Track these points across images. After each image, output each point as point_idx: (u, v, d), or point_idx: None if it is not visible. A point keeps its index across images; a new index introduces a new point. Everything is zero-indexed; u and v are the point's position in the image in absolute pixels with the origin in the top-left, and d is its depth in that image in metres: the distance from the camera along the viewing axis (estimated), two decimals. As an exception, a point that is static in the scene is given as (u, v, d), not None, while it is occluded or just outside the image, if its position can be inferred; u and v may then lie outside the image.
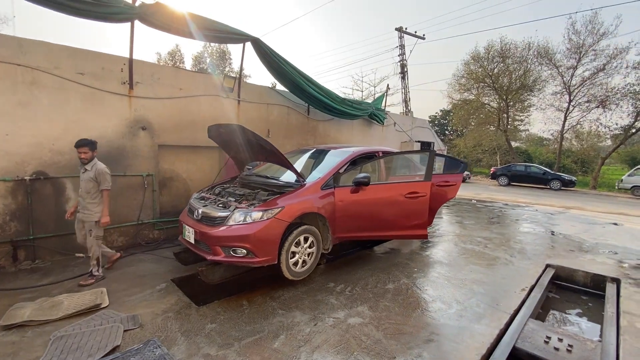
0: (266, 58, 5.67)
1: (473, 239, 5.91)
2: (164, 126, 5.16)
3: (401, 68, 17.32)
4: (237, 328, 2.82)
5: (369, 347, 2.59)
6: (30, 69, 3.90)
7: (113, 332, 2.66)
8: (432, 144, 12.58)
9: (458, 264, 4.53)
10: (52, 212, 4.22)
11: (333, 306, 3.23)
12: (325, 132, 8.13)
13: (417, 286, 3.77)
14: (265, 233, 3.16)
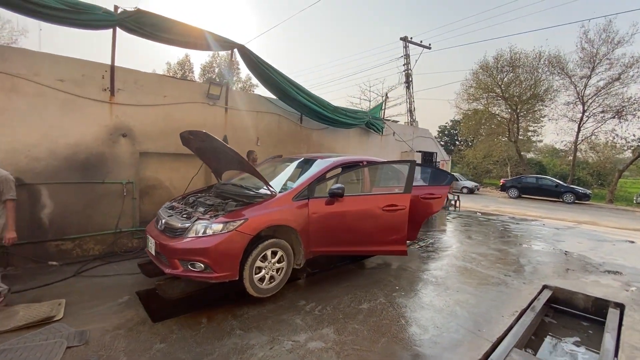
0: (253, 66, 5.60)
1: (467, 255, 5.58)
2: (146, 133, 5.11)
3: (406, 78, 17.14)
4: (186, 349, 2.63)
5: (323, 376, 2.36)
6: (9, 76, 3.91)
7: (55, 348, 2.51)
8: (435, 154, 12.27)
9: (445, 283, 4.23)
10: (26, 219, 4.16)
11: (296, 327, 3.00)
12: (319, 141, 7.97)
13: (394, 307, 3.50)
14: (225, 247, 2.98)
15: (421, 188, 4.54)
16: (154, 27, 4.51)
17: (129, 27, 4.33)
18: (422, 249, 5.83)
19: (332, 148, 8.32)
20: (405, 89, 17.15)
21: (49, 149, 4.25)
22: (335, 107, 7.26)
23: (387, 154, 10.14)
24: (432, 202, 4.42)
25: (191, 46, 4.95)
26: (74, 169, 4.46)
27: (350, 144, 8.86)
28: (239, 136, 6.32)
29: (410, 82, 17.05)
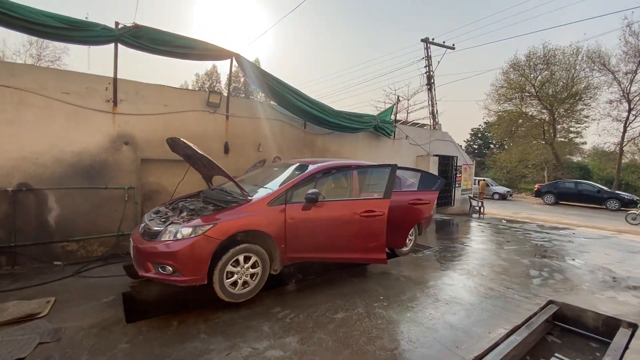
0: (248, 73, 5.71)
1: (472, 265, 5.22)
2: (147, 141, 5.36)
3: (427, 80, 16.63)
4: (146, 351, 2.67)
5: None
6: (18, 90, 4.29)
7: (27, 343, 2.67)
8: (455, 158, 11.72)
9: (436, 295, 3.97)
10: (34, 221, 4.51)
11: (261, 334, 2.95)
12: (324, 147, 7.92)
13: (371, 317, 3.34)
14: (192, 251, 3.02)
15: (409, 193, 4.33)
16: (152, 41, 4.76)
17: (127, 42, 4.61)
18: (425, 258, 5.55)
19: (338, 153, 8.24)
20: (427, 92, 16.63)
21: (55, 157, 4.59)
22: (338, 112, 7.19)
23: (400, 158, 9.85)
24: (421, 207, 4.19)
25: (188, 57, 5.16)
26: (79, 175, 4.77)
27: (358, 148, 8.72)
28: (240, 143, 6.44)
29: (432, 84, 16.52)
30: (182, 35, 4.97)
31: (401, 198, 4.30)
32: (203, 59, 5.32)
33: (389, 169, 3.79)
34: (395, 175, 3.77)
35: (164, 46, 4.83)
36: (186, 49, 4.97)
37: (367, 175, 4.17)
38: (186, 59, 5.23)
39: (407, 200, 4.23)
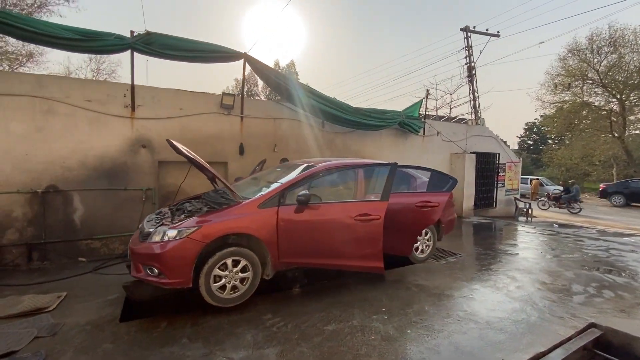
0: (260, 73, 5.65)
1: (500, 274, 4.61)
2: (164, 144, 5.54)
3: (468, 71, 15.38)
4: (126, 353, 2.67)
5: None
6: (45, 99, 4.67)
7: (25, 337, 2.82)
8: (497, 155, 10.68)
9: (448, 309, 3.53)
10: (61, 220, 4.89)
11: (242, 343, 2.81)
12: (345, 146, 7.64)
13: (365, 332, 3.03)
14: (175, 254, 2.98)
15: (417, 195, 3.92)
16: (163, 47, 4.91)
17: (140, 49, 4.80)
18: (449, 265, 5.03)
19: (360, 152, 7.89)
20: (468, 84, 15.42)
21: (79, 160, 4.93)
22: (356, 109, 6.87)
23: (430, 157, 9.21)
24: (429, 210, 3.75)
25: (199, 60, 5.25)
26: (101, 177, 5.08)
27: (383, 147, 8.29)
28: (256, 144, 6.44)
29: (473, 76, 15.27)
30: (192, 39, 5.07)
31: (408, 200, 3.90)
32: (213, 61, 5.39)
33: (388, 168, 3.43)
34: (394, 176, 3.40)
35: (175, 51, 4.96)
36: (195, 52, 5.06)
37: (370, 175, 3.84)
38: (197, 62, 5.34)
39: (415, 202, 3.83)
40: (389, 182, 3.41)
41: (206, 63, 5.47)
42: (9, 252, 4.56)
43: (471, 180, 9.58)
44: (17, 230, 4.60)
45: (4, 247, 4.52)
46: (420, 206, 3.78)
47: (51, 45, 4.23)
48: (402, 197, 3.94)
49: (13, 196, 4.54)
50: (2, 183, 4.47)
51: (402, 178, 4.28)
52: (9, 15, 3.81)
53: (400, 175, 4.29)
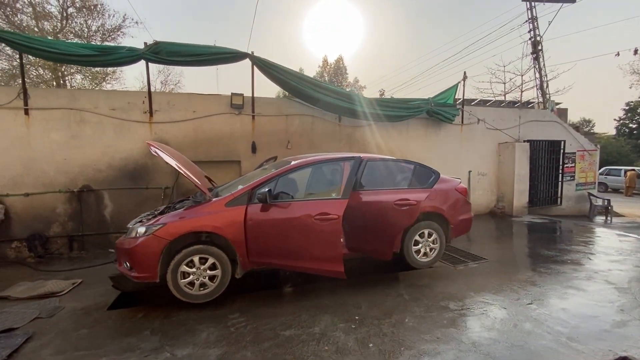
0: (265, 71, 5.65)
1: (528, 287, 3.86)
2: (179, 145, 5.94)
3: (533, 47, 13.15)
4: (93, 339, 2.88)
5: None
6: (78, 110, 5.36)
7: (27, 316, 3.26)
8: (561, 142, 9.03)
9: (431, 325, 3.05)
10: (95, 216, 5.58)
11: (194, 340, 2.82)
12: (364, 140, 7.24)
13: (321, 341, 2.79)
14: (142, 250, 3.13)
15: (395, 192, 3.45)
16: (170, 54, 5.23)
17: (149, 58, 5.19)
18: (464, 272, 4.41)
19: (382, 146, 7.39)
20: (533, 61, 13.26)
21: (107, 163, 5.56)
22: (371, 100, 6.43)
23: (471, 148, 8.21)
24: (407, 209, 3.26)
25: (203, 63, 5.47)
26: (126, 177, 5.66)
27: (410, 139, 7.63)
28: (267, 141, 6.49)
29: (539, 52, 13.07)
30: (196, 44, 5.30)
31: (386, 198, 3.46)
32: (217, 63, 5.56)
33: (351, 162, 3.09)
34: (358, 171, 3.04)
35: (181, 57, 5.25)
36: (201, 56, 5.28)
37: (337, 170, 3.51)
38: (202, 66, 5.57)
39: (394, 200, 3.38)
40: (351, 178, 3.08)
41: (212, 65, 5.69)
42: (55, 242, 5.38)
43: (523, 174, 8.26)
44: (60, 224, 5.39)
45: (51, 238, 5.35)
46: (399, 204, 3.33)
47: (72, 63, 4.86)
48: (380, 195, 3.53)
49: (56, 195, 5.33)
50: (47, 184, 5.27)
51: (390, 172, 3.84)
52: (36, 40, 4.50)
53: (388, 169, 3.87)
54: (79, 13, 14.69)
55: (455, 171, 8.04)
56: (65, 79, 15.25)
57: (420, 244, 4.08)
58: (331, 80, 27.16)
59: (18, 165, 5.12)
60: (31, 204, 5.21)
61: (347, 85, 27.78)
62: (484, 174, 8.46)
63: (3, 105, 4.97)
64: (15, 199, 5.13)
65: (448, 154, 8.01)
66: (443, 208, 4.11)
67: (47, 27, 13.93)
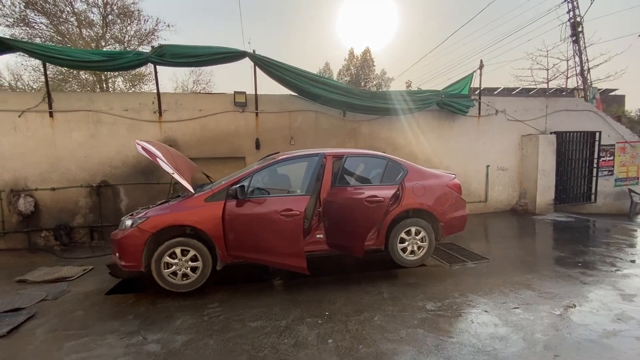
0: (264, 69, 5.74)
1: (508, 286, 3.61)
2: (187, 143, 6.26)
3: (572, 29, 11.89)
4: (84, 320, 3.17)
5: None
6: (95, 112, 5.84)
7: (35, 297, 3.66)
8: (597, 134, 8.20)
9: (399, 325, 2.98)
10: (112, 208, 6.07)
11: (167, 327, 3.00)
12: (372, 134, 7.10)
13: (282, 334, 2.82)
14: (128, 241, 3.38)
15: (368, 188, 3.36)
16: (173, 56, 5.50)
17: (154, 61, 5.50)
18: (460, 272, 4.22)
19: (391, 141, 7.20)
20: (572, 44, 12.04)
21: (122, 160, 6.01)
22: (373, 93, 6.28)
23: (490, 141, 7.75)
24: (376, 207, 3.16)
25: (203, 64, 5.69)
26: (139, 173, 6.08)
27: (420, 133, 7.35)
28: (271, 138, 6.61)
29: (579, 34, 11.83)
30: (197, 45, 5.52)
31: (357, 194, 3.38)
32: (217, 62, 5.73)
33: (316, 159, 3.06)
34: (321, 167, 3.01)
35: (182, 58, 5.50)
36: (199, 56, 5.49)
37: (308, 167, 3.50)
38: (203, 66, 5.82)
39: (365, 197, 3.29)
40: (314, 174, 3.05)
41: (213, 65, 5.88)
42: (78, 232, 5.95)
43: (548, 168, 7.61)
44: (82, 216, 5.95)
45: (75, 229, 5.92)
46: (369, 201, 3.24)
47: (84, 68, 5.29)
48: (354, 191, 3.46)
49: (78, 189, 5.88)
50: (71, 179, 5.83)
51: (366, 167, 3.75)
52: (52, 49, 4.99)
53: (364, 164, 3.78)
54: (118, 19, 15.85)
55: (471, 166, 7.65)
56: (107, 82, 16.64)
57: (407, 241, 3.96)
58: (358, 73, 26.75)
59: (45, 163, 5.72)
60: (57, 197, 5.80)
61: (374, 77, 27.23)
62: (505, 169, 7.93)
63: (31, 108, 5.56)
64: (43, 193, 5.74)
65: (463, 147, 7.61)
66: (431, 205, 3.95)
67: (90, 34, 15.21)
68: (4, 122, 5.52)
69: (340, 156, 3.79)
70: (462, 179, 7.57)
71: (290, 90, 6.26)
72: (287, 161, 3.74)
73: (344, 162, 3.73)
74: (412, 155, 7.31)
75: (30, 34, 14.08)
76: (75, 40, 14.37)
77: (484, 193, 7.85)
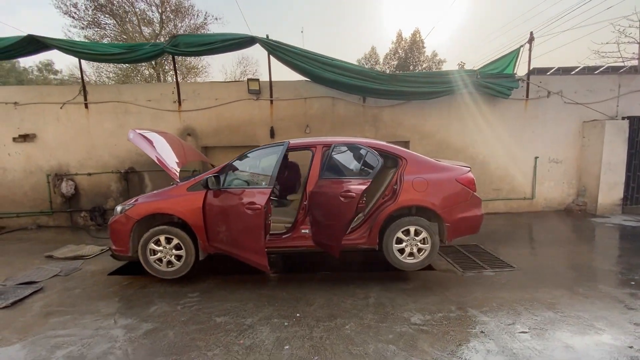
0: (273, 54, 5.53)
1: (524, 304, 2.98)
2: (204, 131, 6.39)
3: None
4: (78, 297, 3.40)
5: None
6: (123, 103, 6.23)
7: (49, 273, 4.04)
8: (692, 119, 6.49)
9: (368, 337, 2.64)
10: (138, 193, 6.44)
11: (142, 312, 3.06)
12: (395, 121, 6.51)
13: (241, 334, 2.69)
14: (116, 227, 3.51)
15: (345, 182, 2.94)
16: (186, 45, 5.56)
17: (170, 52, 5.62)
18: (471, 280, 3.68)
19: (417, 129, 6.54)
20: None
21: (146, 148, 6.34)
22: (392, 75, 5.67)
23: (542, 129, 6.65)
24: (348, 202, 2.74)
25: (214, 51, 5.65)
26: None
27: (452, 120, 6.54)
28: (286, 126, 6.44)
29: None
30: (207, 33, 5.53)
31: (335, 188, 2.98)
32: (229, 49, 5.64)
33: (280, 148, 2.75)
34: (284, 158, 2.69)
35: (195, 47, 5.53)
36: (210, 44, 5.46)
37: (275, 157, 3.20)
38: (214, 54, 5.76)
39: (340, 191, 2.88)
40: (277, 166, 2.76)
41: (225, 52, 5.83)
42: (110, 214, 6.48)
43: (617, 161, 6.25)
44: (114, 199, 6.47)
45: (107, 210, 6.47)
46: (342, 196, 2.84)
47: (107, 61, 5.62)
48: (331, 184, 3.08)
49: (110, 175, 6.39)
50: (104, 165, 6.35)
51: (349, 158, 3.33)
52: (78, 44, 5.38)
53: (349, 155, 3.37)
54: (172, 15, 16.90)
55: (515, 158, 6.66)
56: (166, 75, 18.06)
57: (404, 242, 3.52)
58: (406, 56, 25.10)
59: (83, 150, 6.30)
60: (93, 182, 6.38)
61: (424, 60, 25.31)
62: (558, 161, 6.73)
63: (69, 101, 6.12)
64: (81, 178, 6.36)
65: (506, 136, 6.61)
66: (435, 202, 3.42)
67: (150, 32, 16.48)
68: (50, 113, 6.17)
69: (329, 145, 3.46)
70: (503, 172, 6.65)
71: (302, 75, 5.98)
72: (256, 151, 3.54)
73: (332, 151, 3.39)
74: (442, 145, 6.57)
75: (101, 34, 15.75)
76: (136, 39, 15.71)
77: (531, 189, 6.78)
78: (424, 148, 6.55)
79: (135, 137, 3.79)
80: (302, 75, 5.96)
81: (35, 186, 6.33)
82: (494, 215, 6.65)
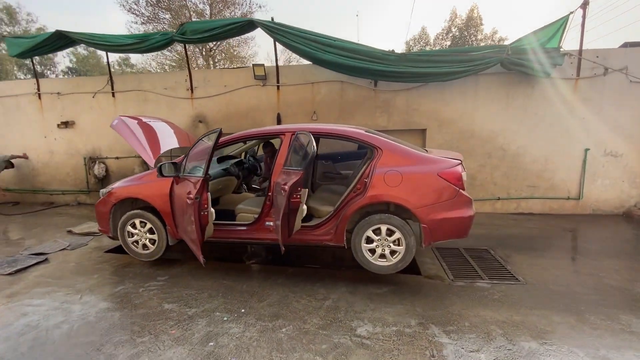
0: (272, 36, 5.31)
1: (507, 326, 2.45)
2: (214, 118, 6.50)
3: None
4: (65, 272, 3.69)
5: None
6: (143, 91, 6.60)
7: (59, 246, 4.50)
8: None
9: (304, 341, 2.41)
10: (158, 177, 6.91)
11: (108, 292, 3.22)
12: (410, 106, 5.90)
13: (179, 324, 2.66)
14: (98, 208, 3.72)
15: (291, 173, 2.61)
16: (193, 32, 5.62)
17: (178, 40, 5.74)
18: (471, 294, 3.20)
19: (436, 115, 5.84)
20: None
21: (163, 134, 6.69)
22: (399, 55, 5.05)
23: (593, 114, 5.48)
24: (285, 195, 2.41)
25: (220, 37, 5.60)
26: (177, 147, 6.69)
27: (479, 104, 5.70)
28: (292, 112, 6.24)
29: None
30: (213, 20, 5.49)
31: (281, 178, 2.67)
32: (230, 35, 5.57)
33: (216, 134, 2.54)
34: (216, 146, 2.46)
35: (200, 34, 5.55)
36: (213, 30, 5.42)
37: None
38: (218, 40, 5.81)
39: (282, 184, 2.58)
40: (209, 155, 2.56)
41: (229, 38, 5.77)
42: (134, 195, 7.04)
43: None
44: (137, 182, 6.99)
45: (132, 192, 7.02)
46: (282, 189, 2.52)
47: (118, 51, 5.93)
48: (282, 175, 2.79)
49: (134, 159, 6.90)
50: (128, 150, 6.86)
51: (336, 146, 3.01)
52: (95, 36, 5.75)
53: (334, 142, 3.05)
54: (220, 5, 17.56)
55: (558, 149, 5.64)
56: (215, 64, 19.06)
57: (375, 242, 3.15)
58: (461, 35, 22.68)
59: (111, 136, 6.85)
60: (120, 165, 6.97)
61: (482, 38, 22.61)
62: (617, 155, 5.49)
63: (100, 90, 6.68)
64: (111, 161, 6.97)
65: (546, 123, 5.58)
66: (407, 199, 2.97)
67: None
68: (84, 102, 6.82)
69: (293, 132, 3.20)
70: (540, 166, 5.68)
71: (304, 59, 5.68)
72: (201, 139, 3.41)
73: (295, 139, 3.14)
74: (465, 134, 5.80)
75: (159, 28, 17.04)
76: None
77: (578, 187, 5.67)
78: (443, 137, 5.85)
79: (118, 123, 3.93)
80: (304, 58, 5.68)
81: (75, 168, 7.13)
82: (526, 216, 5.74)
